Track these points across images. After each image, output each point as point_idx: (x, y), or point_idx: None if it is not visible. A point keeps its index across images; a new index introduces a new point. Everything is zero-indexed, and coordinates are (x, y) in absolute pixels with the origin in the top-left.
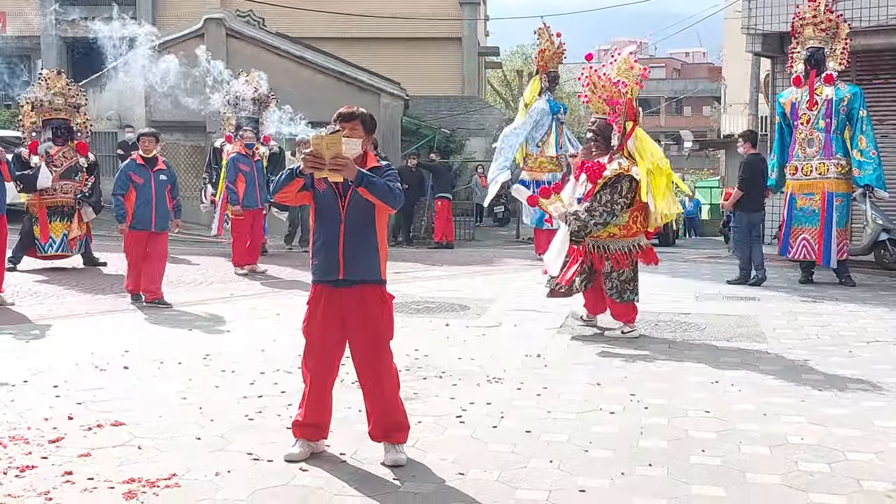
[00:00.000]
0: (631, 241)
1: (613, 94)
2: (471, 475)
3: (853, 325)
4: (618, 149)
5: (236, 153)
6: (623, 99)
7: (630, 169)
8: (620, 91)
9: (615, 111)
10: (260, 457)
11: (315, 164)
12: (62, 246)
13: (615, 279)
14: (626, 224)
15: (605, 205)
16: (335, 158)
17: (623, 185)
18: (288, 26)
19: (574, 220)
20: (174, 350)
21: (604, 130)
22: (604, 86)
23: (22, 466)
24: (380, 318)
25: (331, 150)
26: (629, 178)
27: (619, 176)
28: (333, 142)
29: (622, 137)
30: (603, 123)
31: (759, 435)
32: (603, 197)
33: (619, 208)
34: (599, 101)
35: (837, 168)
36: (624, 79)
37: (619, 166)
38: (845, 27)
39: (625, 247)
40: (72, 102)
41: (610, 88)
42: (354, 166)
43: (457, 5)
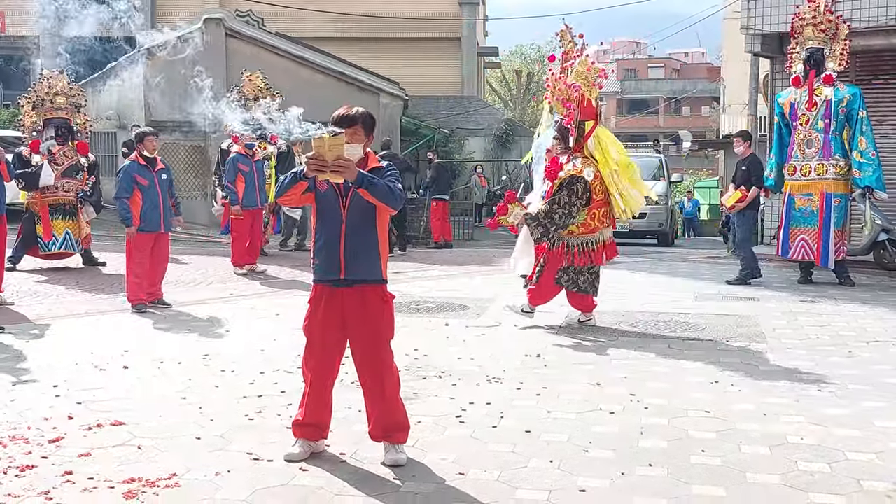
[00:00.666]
0: (590, 237)
1: (566, 96)
2: (471, 475)
3: (853, 325)
4: (575, 149)
5: (236, 153)
6: (575, 102)
7: (582, 170)
8: (570, 93)
9: (569, 113)
10: (260, 456)
11: (317, 167)
12: (65, 243)
13: (571, 272)
14: (584, 222)
15: (564, 207)
16: (337, 160)
17: (578, 187)
18: (287, 26)
19: (535, 227)
20: (174, 350)
21: (562, 132)
22: (559, 88)
23: (22, 466)
24: (380, 317)
25: (332, 151)
26: (582, 179)
27: (574, 177)
28: (335, 144)
29: (578, 138)
30: (562, 125)
31: (760, 435)
32: (561, 199)
33: (577, 209)
34: (557, 102)
35: (836, 169)
36: (579, 81)
37: (573, 167)
38: (844, 28)
39: (583, 243)
40: (73, 102)
41: (564, 91)
42: (355, 168)
43: (456, 5)
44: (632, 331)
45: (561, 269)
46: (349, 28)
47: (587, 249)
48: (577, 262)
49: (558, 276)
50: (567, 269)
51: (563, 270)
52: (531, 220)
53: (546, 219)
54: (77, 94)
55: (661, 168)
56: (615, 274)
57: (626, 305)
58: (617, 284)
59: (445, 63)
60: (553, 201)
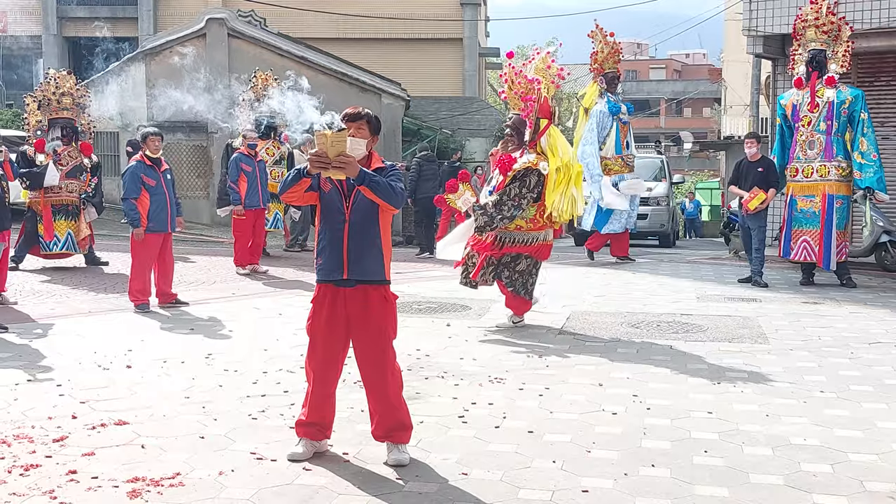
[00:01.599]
0: (537, 234)
1: (528, 91)
2: (474, 475)
3: (855, 327)
4: (529, 145)
5: (239, 153)
6: (536, 96)
7: (538, 164)
8: (535, 88)
9: (528, 108)
10: (263, 456)
11: (320, 163)
12: (67, 244)
13: (513, 269)
14: (533, 217)
15: (514, 199)
16: (339, 157)
17: (531, 180)
18: (289, 27)
19: (481, 216)
20: (177, 349)
21: (518, 126)
22: (519, 82)
23: (26, 465)
24: (383, 317)
25: (335, 147)
26: (537, 172)
27: (528, 170)
28: (337, 140)
29: (534, 134)
30: (518, 119)
31: (762, 436)
32: (512, 191)
33: (527, 202)
34: (515, 97)
35: (838, 170)
36: (540, 77)
37: (528, 161)
38: (847, 30)
39: (530, 239)
40: (79, 102)
41: (525, 85)
42: (357, 165)
43: (457, 6)
44: (634, 331)
45: (507, 268)
46: (351, 29)
47: (533, 246)
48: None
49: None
50: (507, 265)
51: (508, 268)
52: (478, 209)
53: (493, 209)
54: (83, 94)
55: (662, 169)
56: (617, 275)
57: (628, 306)
58: (619, 285)
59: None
60: (504, 193)
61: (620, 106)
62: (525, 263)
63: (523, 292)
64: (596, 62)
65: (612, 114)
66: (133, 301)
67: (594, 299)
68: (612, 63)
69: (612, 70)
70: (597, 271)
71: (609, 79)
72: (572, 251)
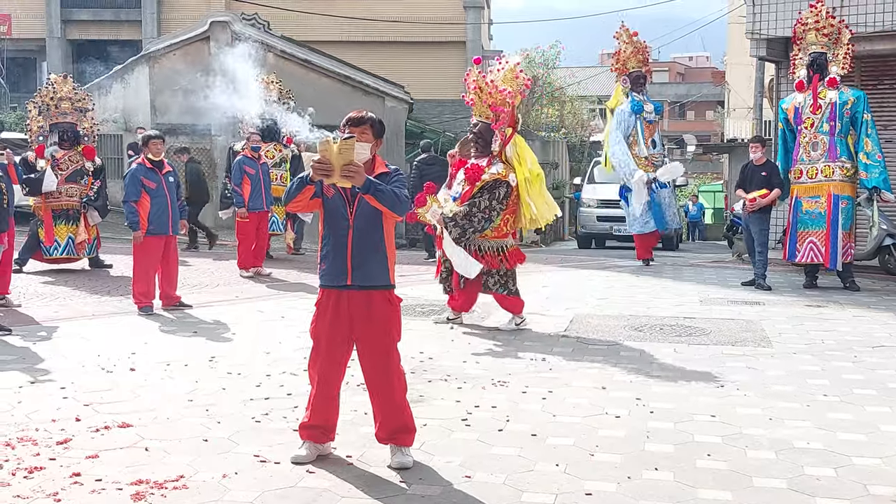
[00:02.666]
0: (500, 242)
1: (498, 101)
2: (477, 478)
3: (858, 330)
4: (497, 154)
5: (243, 156)
6: (507, 107)
7: (507, 175)
8: (506, 99)
9: (498, 118)
10: (267, 459)
11: (324, 171)
12: (67, 249)
13: (495, 275)
14: (497, 227)
15: (484, 211)
16: (346, 166)
17: (500, 191)
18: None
19: (454, 228)
20: (180, 352)
21: (485, 134)
22: (490, 92)
23: (30, 468)
24: (387, 320)
25: (342, 156)
26: (506, 184)
27: (497, 181)
28: (345, 148)
29: (502, 143)
30: (485, 127)
31: (765, 439)
32: (482, 203)
33: (496, 214)
34: (484, 105)
35: (842, 171)
36: (509, 87)
37: (497, 172)
38: (847, 32)
39: (494, 247)
40: (78, 106)
41: (496, 95)
42: (364, 174)
43: (460, 9)
44: (637, 335)
45: (486, 274)
46: (354, 32)
47: (501, 254)
48: (493, 266)
49: (485, 281)
50: (491, 273)
51: (488, 275)
52: (448, 221)
53: (464, 220)
54: (82, 98)
55: None
56: (620, 278)
57: (631, 309)
58: (622, 288)
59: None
60: (472, 204)
61: (643, 104)
62: (503, 269)
63: (515, 290)
64: (619, 62)
65: (634, 112)
66: (136, 304)
67: (597, 302)
68: (636, 63)
69: (637, 69)
70: (600, 274)
71: (633, 78)
72: (575, 254)
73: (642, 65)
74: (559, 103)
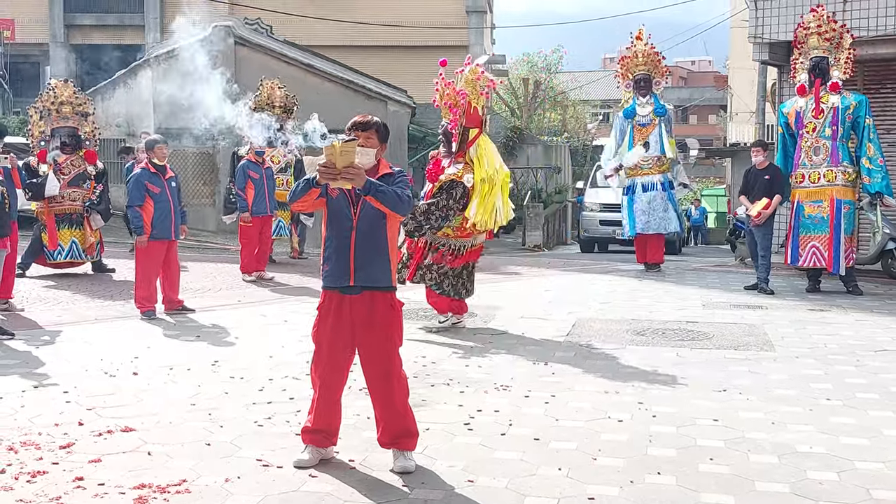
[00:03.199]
0: (464, 241)
1: (454, 102)
2: (480, 482)
3: (861, 334)
4: (457, 155)
5: (247, 160)
6: (461, 109)
7: (462, 176)
8: (458, 100)
9: (453, 119)
10: (269, 463)
11: (328, 174)
12: (71, 253)
13: (435, 271)
14: (458, 226)
15: (441, 210)
16: (347, 168)
17: (457, 192)
18: (296, 34)
19: (410, 220)
20: (183, 356)
21: (446, 135)
22: (447, 93)
23: (33, 472)
24: (389, 324)
25: (343, 158)
26: (461, 185)
27: (453, 182)
28: (346, 150)
29: (461, 144)
30: (445, 129)
31: (768, 443)
32: (440, 202)
33: (453, 213)
34: (444, 107)
35: (844, 175)
36: (467, 89)
37: (453, 173)
38: (848, 37)
39: (457, 246)
40: (79, 111)
41: (452, 96)
42: (364, 175)
43: (463, 14)
44: (640, 339)
45: (424, 267)
46: (357, 36)
47: (460, 254)
48: (452, 265)
49: (420, 274)
50: (431, 268)
51: (426, 268)
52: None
53: (422, 216)
54: (83, 102)
55: None
56: (622, 282)
57: (633, 313)
58: (625, 292)
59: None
60: (432, 203)
61: (636, 108)
62: (448, 268)
63: (448, 290)
64: (623, 67)
65: (625, 117)
66: (139, 308)
67: (600, 306)
68: (645, 67)
69: (644, 73)
70: (602, 278)
71: (635, 82)
72: (577, 258)
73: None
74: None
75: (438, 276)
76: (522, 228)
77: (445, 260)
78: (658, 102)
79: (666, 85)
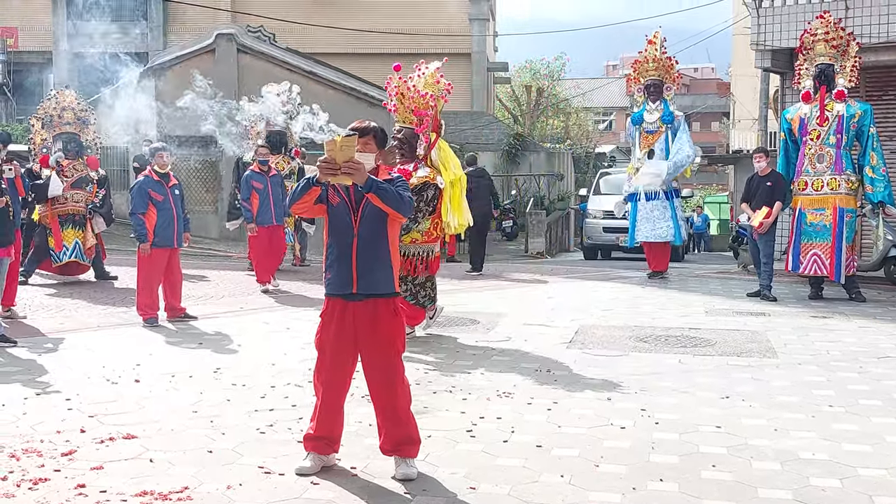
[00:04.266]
0: (429, 247)
1: (421, 106)
2: (482, 489)
3: (863, 341)
4: (423, 158)
5: (250, 171)
6: (431, 111)
7: (435, 178)
8: (429, 103)
9: (422, 122)
10: (271, 470)
11: (329, 170)
12: (76, 253)
13: (409, 283)
14: (427, 230)
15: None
16: (348, 162)
17: (428, 194)
18: (298, 42)
19: None
20: (185, 363)
21: (410, 139)
22: (412, 97)
23: (35, 479)
24: (392, 331)
25: (343, 152)
26: (434, 186)
27: (425, 184)
28: (346, 145)
29: (427, 147)
30: (410, 132)
31: (771, 450)
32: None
33: (423, 216)
34: (407, 111)
35: (848, 184)
36: (431, 91)
37: (425, 175)
38: (854, 45)
39: (423, 252)
40: (81, 116)
41: (418, 100)
42: (365, 171)
43: (466, 21)
44: (642, 345)
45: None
46: (359, 44)
47: (427, 259)
48: (418, 273)
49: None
50: (405, 279)
51: (402, 281)
52: None
53: None
54: (85, 108)
55: None
56: (625, 289)
57: (636, 320)
58: (627, 299)
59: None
60: None
61: (644, 114)
62: (422, 278)
63: (424, 301)
64: (635, 72)
65: (633, 123)
66: (141, 315)
67: (602, 313)
68: (655, 72)
69: (655, 78)
70: (605, 285)
71: (646, 87)
72: (581, 265)
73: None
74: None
75: (414, 288)
76: (525, 235)
77: (419, 271)
78: (667, 109)
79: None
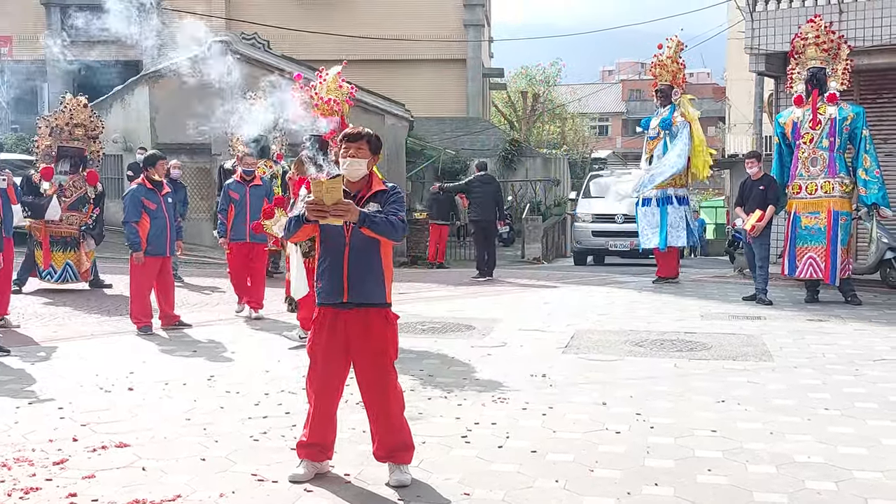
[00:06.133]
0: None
1: (326, 112)
2: (476, 495)
3: (859, 344)
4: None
5: (232, 180)
6: (335, 115)
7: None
8: (333, 108)
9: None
10: (265, 478)
11: (317, 212)
12: (65, 276)
13: None
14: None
15: None
16: (336, 205)
17: None
18: (293, 49)
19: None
20: (178, 371)
21: (324, 146)
22: (316, 104)
23: (26, 488)
24: (384, 338)
25: (330, 195)
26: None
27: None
28: (333, 187)
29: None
30: (321, 139)
31: (766, 454)
32: None
33: None
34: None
35: (841, 186)
36: (334, 97)
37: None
38: (845, 48)
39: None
40: (92, 134)
41: (322, 106)
42: (356, 210)
43: (461, 27)
44: (638, 350)
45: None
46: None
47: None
48: None
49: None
50: None
51: None
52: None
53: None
54: (96, 125)
55: None
56: (621, 293)
57: (632, 325)
58: (623, 304)
59: (451, 84)
60: None
61: (650, 120)
62: None
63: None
64: (654, 76)
65: (642, 128)
66: (135, 323)
67: (598, 318)
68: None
69: (665, 83)
70: (600, 290)
71: (656, 92)
72: (575, 270)
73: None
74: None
75: None
76: (522, 241)
77: None
78: (670, 114)
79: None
